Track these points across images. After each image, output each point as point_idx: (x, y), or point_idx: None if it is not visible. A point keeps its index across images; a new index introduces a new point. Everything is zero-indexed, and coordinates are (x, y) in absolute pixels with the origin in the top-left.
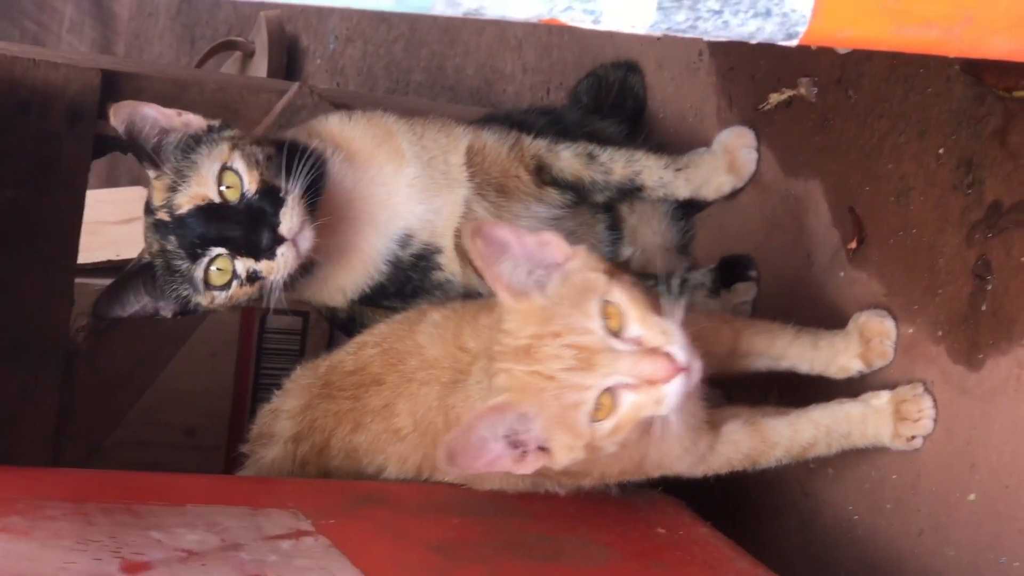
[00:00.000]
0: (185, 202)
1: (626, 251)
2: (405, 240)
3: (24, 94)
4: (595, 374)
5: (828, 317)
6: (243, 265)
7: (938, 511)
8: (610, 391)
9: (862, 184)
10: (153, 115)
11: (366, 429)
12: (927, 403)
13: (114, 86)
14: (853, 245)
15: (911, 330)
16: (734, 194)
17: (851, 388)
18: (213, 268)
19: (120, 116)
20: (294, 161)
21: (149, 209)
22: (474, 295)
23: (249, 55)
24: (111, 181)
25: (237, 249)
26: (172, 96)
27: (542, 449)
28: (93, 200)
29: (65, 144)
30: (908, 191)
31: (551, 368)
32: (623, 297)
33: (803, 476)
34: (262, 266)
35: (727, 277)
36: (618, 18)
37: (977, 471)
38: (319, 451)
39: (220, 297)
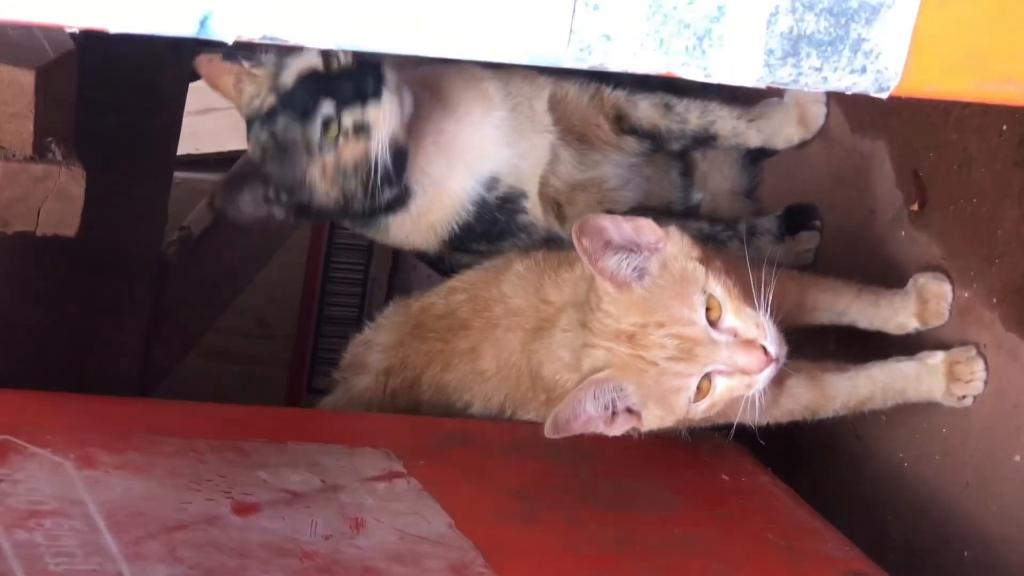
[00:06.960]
0: (291, 77)
1: (696, 196)
2: (491, 183)
3: None
4: (696, 364)
5: (886, 272)
6: (350, 118)
7: (984, 467)
8: (706, 375)
9: (926, 149)
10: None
11: (454, 369)
12: (979, 366)
13: None
14: (915, 207)
15: (967, 294)
16: (803, 145)
17: (905, 343)
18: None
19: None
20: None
21: (250, 122)
22: (555, 239)
23: None
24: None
25: (346, 100)
26: None
27: (630, 411)
28: None
29: (166, 70)
30: (970, 162)
31: (655, 355)
32: (721, 290)
33: (856, 420)
34: (369, 114)
35: (792, 225)
36: (727, 73)
37: (1022, 434)
38: (410, 385)
39: (329, 159)
